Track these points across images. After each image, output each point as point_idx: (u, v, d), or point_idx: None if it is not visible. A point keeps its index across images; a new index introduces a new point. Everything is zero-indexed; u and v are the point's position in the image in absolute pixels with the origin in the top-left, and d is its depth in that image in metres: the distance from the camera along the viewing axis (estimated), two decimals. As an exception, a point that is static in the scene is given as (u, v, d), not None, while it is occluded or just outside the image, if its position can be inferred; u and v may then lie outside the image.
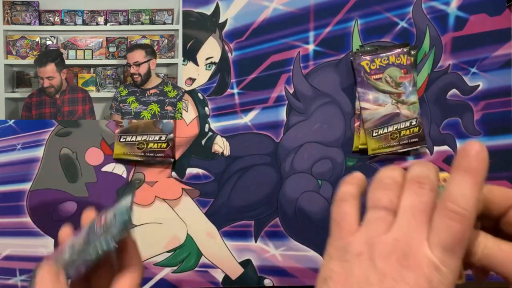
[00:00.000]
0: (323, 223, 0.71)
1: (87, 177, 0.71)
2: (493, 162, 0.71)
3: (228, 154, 0.71)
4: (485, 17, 0.71)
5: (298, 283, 0.71)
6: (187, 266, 0.71)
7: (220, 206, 0.71)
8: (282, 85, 0.72)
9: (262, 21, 0.72)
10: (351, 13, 0.72)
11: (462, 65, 0.71)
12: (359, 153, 0.71)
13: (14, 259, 0.70)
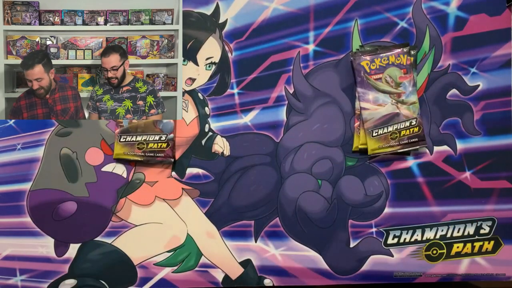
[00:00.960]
0: (323, 223, 0.71)
1: (87, 177, 0.71)
2: (493, 162, 0.71)
3: (228, 154, 0.71)
4: (485, 17, 0.71)
5: (298, 283, 0.71)
6: (187, 266, 0.71)
7: (220, 206, 0.71)
8: (282, 85, 0.72)
9: (262, 21, 0.72)
10: (351, 13, 0.72)
11: (462, 65, 0.71)
12: (359, 153, 0.71)
13: (14, 259, 0.70)
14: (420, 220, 0.71)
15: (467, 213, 0.71)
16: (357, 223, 0.71)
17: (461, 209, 0.71)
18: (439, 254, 0.71)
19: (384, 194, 0.71)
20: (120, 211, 0.71)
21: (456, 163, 0.71)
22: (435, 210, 0.71)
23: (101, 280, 0.70)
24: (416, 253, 0.71)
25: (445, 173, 0.71)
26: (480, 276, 0.71)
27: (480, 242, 0.71)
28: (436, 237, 0.71)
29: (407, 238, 0.71)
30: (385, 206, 0.71)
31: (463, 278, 0.71)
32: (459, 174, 0.71)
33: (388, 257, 0.71)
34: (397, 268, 0.71)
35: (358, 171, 0.71)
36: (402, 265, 0.71)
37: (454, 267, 0.71)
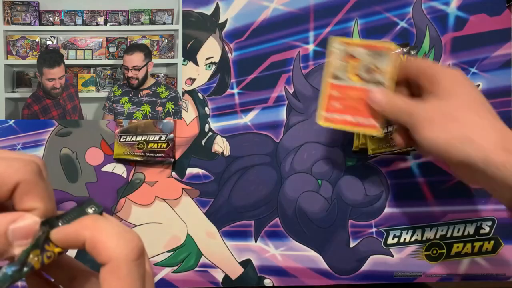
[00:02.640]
0: (323, 223, 0.71)
1: (87, 177, 0.71)
2: (493, 162, 0.71)
3: (228, 154, 0.71)
4: (485, 17, 0.71)
5: (298, 283, 0.71)
6: (187, 266, 0.71)
7: (220, 206, 0.71)
8: (282, 85, 0.72)
9: (262, 21, 0.72)
10: (351, 13, 0.72)
11: (462, 65, 0.71)
12: (359, 153, 0.71)
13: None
14: (420, 220, 0.71)
15: (467, 213, 0.71)
16: (357, 223, 0.71)
17: (461, 209, 0.71)
18: (439, 254, 0.71)
19: (384, 194, 0.71)
20: (120, 211, 0.71)
21: (456, 163, 0.71)
22: (435, 210, 0.71)
23: (101, 280, 0.70)
24: (416, 253, 0.71)
25: (445, 173, 0.71)
26: (480, 276, 0.71)
27: (480, 242, 0.71)
28: (436, 237, 0.71)
29: (407, 238, 0.71)
30: (385, 206, 0.71)
31: (463, 278, 0.71)
32: (459, 174, 0.71)
33: (388, 257, 0.71)
34: (397, 268, 0.71)
35: (358, 171, 0.71)
36: (402, 265, 0.71)
37: (454, 267, 0.71)
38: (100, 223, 0.29)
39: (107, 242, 0.27)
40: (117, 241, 0.28)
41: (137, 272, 0.28)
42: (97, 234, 0.28)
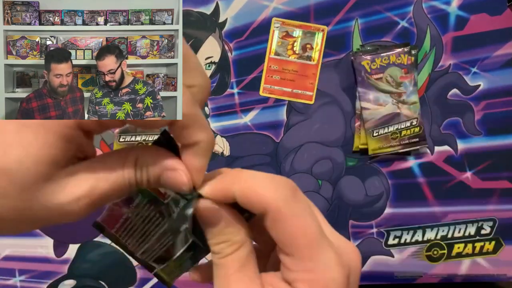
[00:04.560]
0: (324, 224, 0.71)
1: (87, 177, 0.71)
2: (493, 162, 0.71)
3: (228, 154, 0.71)
4: (486, 17, 0.71)
5: (298, 283, 0.71)
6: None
7: (220, 206, 0.71)
8: (282, 85, 0.72)
9: (262, 21, 0.72)
10: (351, 13, 0.72)
11: (462, 65, 0.71)
12: (360, 153, 0.71)
13: (13, 259, 0.70)
14: (421, 220, 0.71)
15: (468, 213, 0.71)
16: (358, 223, 0.71)
17: (462, 209, 0.71)
18: (440, 255, 0.71)
19: (385, 194, 0.71)
20: (120, 211, 0.70)
21: (457, 163, 0.71)
22: (436, 211, 0.71)
23: (100, 281, 0.70)
24: (417, 254, 0.71)
25: (446, 173, 0.70)
26: (481, 277, 0.71)
27: (481, 243, 0.71)
28: (437, 238, 0.71)
29: (407, 239, 0.71)
30: (386, 206, 0.71)
31: (464, 278, 0.71)
32: (460, 174, 0.71)
33: (389, 258, 0.71)
34: (398, 268, 0.71)
35: (359, 171, 0.71)
36: (403, 266, 0.71)
37: (455, 267, 0.71)
38: (244, 175, 0.29)
39: (260, 191, 0.27)
40: (269, 187, 0.27)
41: (302, 207, 0.27)
42: (246, 187, 0.27)
